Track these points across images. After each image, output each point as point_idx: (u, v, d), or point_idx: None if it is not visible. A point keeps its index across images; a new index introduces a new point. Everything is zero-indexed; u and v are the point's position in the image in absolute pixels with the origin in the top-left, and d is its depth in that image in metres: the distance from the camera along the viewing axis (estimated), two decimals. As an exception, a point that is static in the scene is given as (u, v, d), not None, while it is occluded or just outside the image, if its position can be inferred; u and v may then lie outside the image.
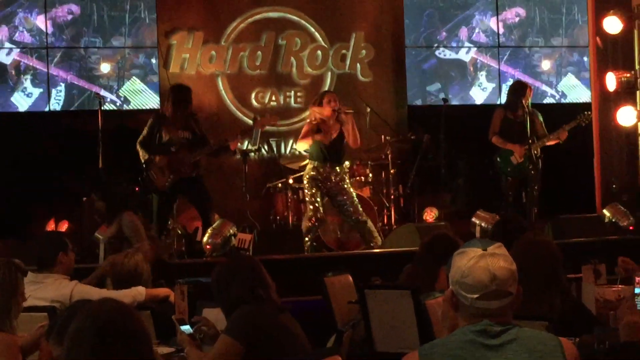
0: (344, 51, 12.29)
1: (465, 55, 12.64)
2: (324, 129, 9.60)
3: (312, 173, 9.59)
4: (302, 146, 9.89)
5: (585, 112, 10.79)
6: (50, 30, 11.38)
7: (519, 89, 10.60)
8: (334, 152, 9.61)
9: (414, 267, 6.21)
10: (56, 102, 11.35)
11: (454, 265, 3.03)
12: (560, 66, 12.90)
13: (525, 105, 10.31)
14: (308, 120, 9.83)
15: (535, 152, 10.37)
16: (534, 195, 10.47)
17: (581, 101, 12.83)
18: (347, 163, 9.89)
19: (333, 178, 9.59)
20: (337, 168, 9.63)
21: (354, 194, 9.72)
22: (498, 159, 10.56)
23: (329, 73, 12.26)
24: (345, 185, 9.66)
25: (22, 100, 11.30)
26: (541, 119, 10.55)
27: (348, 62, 12.29)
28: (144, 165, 9.46)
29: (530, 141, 10.16)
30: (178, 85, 10.08)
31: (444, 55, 12.57)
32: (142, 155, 9.46)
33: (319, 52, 12.20)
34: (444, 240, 6.05)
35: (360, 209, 9.65)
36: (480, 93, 12.64)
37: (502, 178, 10.59)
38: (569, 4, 12.96)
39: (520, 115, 10.37)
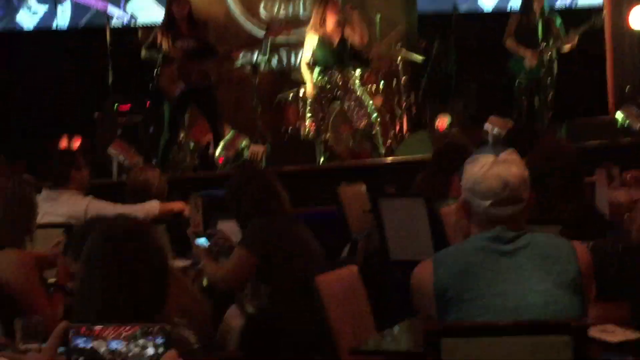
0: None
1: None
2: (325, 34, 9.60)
3: (318, 78, 9.61)
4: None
5: (598, 14, 10.66)
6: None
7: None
8: (338, 55, 9.59)
9: (426, 175, 6.22)
10: (62, 20, 11.22)
11: (466, 173, 3.03)
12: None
13: (539, 8, 10.22)
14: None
15: (549, 56, 10.30)
16: (548, 100, 10.43)
17: (593, 2, 12.64)
18: (357, 70, 9.86)
19: (340, 82, 9.61)
20: (344, 72, 9.63)
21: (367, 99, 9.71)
22: (511, 63, 10.50)
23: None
24: (356, 90, 9.66)
25: (27, 18, 11.18)
26: (558, 23, 10.44)
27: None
28: (153, 74, 9.34)
29: (543, 44, 10.10)
30: None
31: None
32: (150, 62, 9.34)
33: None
34: (456, 148, 6.06)
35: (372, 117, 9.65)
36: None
37: (515, 83, 10.54)
38: None
39: (534, 19, 10.28)
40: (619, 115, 10.35)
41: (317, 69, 9.69)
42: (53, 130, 10.44)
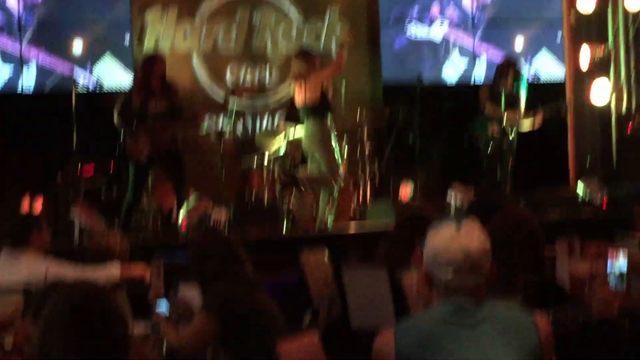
0: (319, 23, 12.23)
1: (438, 31, 12.57)
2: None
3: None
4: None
5: (563, 103, 10.86)
6: (20, 9, 11.16)
7: (498, 69, 10.76)
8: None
9: (389, 244, 6.22)
10: (27, 85, 11.13)
11: (428, 243, 3.04)
12: (534, 43, 12.88)
13: (511, 79, 10.46)
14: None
15: (511, 128, 10.48)
16: (508, 170, 10.54)
17: (555, 77, 12.84)
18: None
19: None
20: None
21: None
22: (475, 126, 10.66)
23: (304, 49, 12.22)
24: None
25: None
26: (523, 97, 10.65)
27: (323, 39, 12.23)
28: (121, 135, 9.30)
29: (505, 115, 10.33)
30: (152, 55, 10.01)
31: (416, 36, 12.47)
32: (118, 122, 9.27)
33: (294, 28, 12.15)
34: (419, 217, 6.07)
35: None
36: (452, 72, 12.61)
37: (478, 148, 10.72)
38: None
39: (503, 89, 10.50)
40: (580, 186, 10.46)
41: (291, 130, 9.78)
42: (15, 190, 10.37)
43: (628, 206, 9.67)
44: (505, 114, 10.45)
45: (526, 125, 10.63)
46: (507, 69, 10.69)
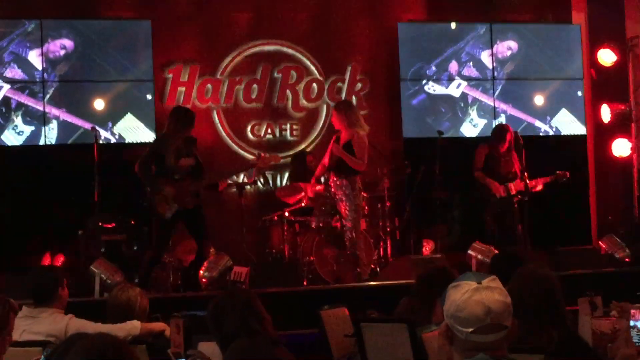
0: (339, 84, 12.34)
1: (456, 90, 12.60)
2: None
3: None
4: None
5: (562, 172, 10.84)
6: (42, 65, 11.24)
7: (497, 133, 10.78)
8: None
9: (410, 300, 6.20)
10: (49, 140, 11.21)
11: (448, 299, 3.03)
12: (553, 101, 12.87)
13: (505, 148, 10.49)
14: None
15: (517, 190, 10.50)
16: (515, 231, 10.50)
17: (577, 132, 12.83)
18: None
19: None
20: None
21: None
22: (480, 192, 10.70)
23: (325, 105, 12.30)
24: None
25: (12, 138, 11.11)
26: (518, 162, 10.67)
27: (344, 94, 12.32)
28: (148, 192, 9.28)
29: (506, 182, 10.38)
30: (181, 108, 9.99)
31: (434, 90, 12.52)
32: (144, 180, 9.26)
33: (315, 84, 12.25)
34: (440, 273, 6.05)
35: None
36: (471, 129, 12.61)
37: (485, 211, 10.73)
38: (562, 36, 12.98)
39: (501, 151, 10.53)
40: (603, 244, 10.41)
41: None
42: (37, 245, 10.42)
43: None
44: (496, 184, 10.50)
45: (533, 187, 10.62)
46: (503, 134, 10.72)
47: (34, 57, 11.24)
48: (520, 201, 10.53)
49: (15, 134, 11.12)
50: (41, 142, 11.15)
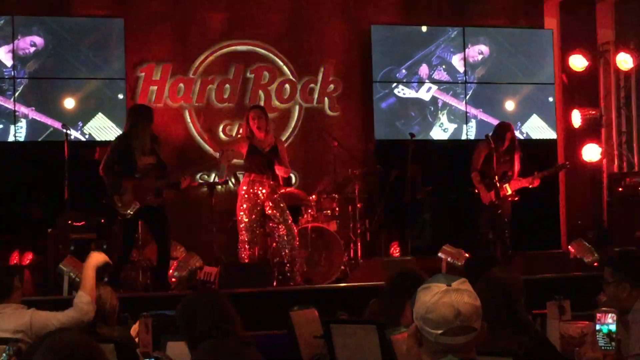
0: (312, 85, 12.35)
1: (426, 93, 12.63)
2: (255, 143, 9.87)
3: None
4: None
5: (563, 163, 10.94)
6: (12, 62, 11.16)
7: (496, 132, 10.80)
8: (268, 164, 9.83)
9: (379, 301, 6.21)
10: (18, 138, 11.14)
11: (418, 301, 3.03)
12: (525, 106, 12.92)
13: (505, 147, 10.52)
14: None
15: (506, 194, 10.52)
16: (503, 235, 10.54)
17: (546, 136, 12.91)
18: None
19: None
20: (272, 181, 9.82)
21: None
22: (471, 194, 10.73)
23: (297, 107, 12.31)
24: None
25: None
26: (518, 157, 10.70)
27: (316, 95, 12.35)
28: (108, 192, 9.24)
29: (497, 185, 10.37)
30: (141, 105, 10.01)
31: (404, 94, 12.55)
32: (107, 180, 9.23)
33: (287, 85, 12.24)
34: (409, 275, 6.07)
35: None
36: (441, 133, 12.65)
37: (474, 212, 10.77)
38: (533, 42, 13.05)
39: (498, 154, 10.55)
40: (571, 249, 10.47)
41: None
42: (5, 243, 10.36)
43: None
44: (485, 191, 10.54)
45: (523, 182, 10.66)
46: (504, 133, 10.74)
47: (3, 54, 11.15)
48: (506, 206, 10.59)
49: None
50: (10, 139, 11.08)
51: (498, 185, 10.42)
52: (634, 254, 5.41)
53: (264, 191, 9.78)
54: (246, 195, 9.77)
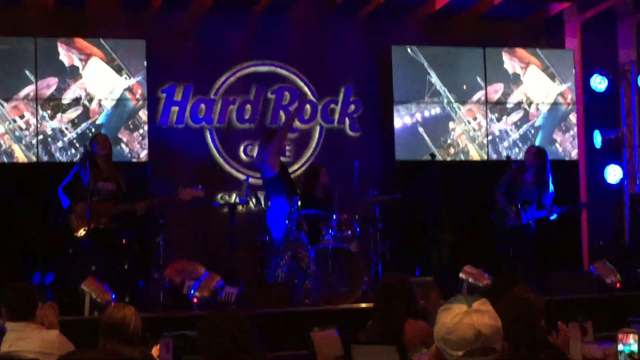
0: (332, 105, 12.37)
1: (447, 113, 12.58)
2: None
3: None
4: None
5: (582, 203, 10.96)
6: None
7: (525, 156, 10.79)
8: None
9: (374, 314, 6.21)
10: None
11: (438, 322, 3.02)
12: (547, 124, 12.91)
13: (528, 171, 10.52)
14: None
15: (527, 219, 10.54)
16: (525, 255, 10.52)
17: (570, 156, 12.87)
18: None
19: None
20: None
21: None
22: (495, 215, 10.71)
23: (318, 127, 12.32)
24: None
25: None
26: (547, 191, 10.64)
27: (337, 116, 12.36)
28: (64, 211, 9.51)
29: (521, 210, 10.39)
30: (96, 135, 10.15)
31: (424, 114, 12.49)
32: (63, 201, 9.52)
33: (308, 106, 12.25)
34: (398, 283, 6.10)
35: None
36: (462, 154, 12.60)
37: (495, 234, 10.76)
38: (558, 61, 13.02)
39: (525, 180, 10.53)
40: (594, 269, 10.42)
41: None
42: (28, 264, 10.38)
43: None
44: (514, 211, 10.52)
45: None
46: (527, 158, 10.76)
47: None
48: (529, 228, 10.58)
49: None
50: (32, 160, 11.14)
51: (521, 209, 10.45)
52: None
53: None
54: None
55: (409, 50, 12.45)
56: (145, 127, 11.49)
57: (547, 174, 10.62)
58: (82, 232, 9.43)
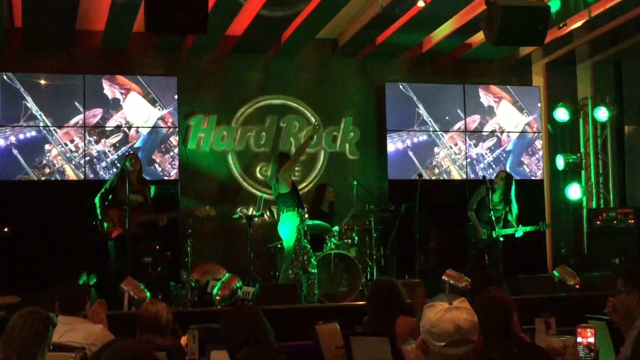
0: (335, 133, 12.38)
1: (432, 140, 12.59)
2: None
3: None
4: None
5: (544, 222, 10.92)
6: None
7: (494, 179, 10.74)
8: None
9: (368, 312, 6.20)
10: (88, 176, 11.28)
11: (424, 317, 3.02)
12: (516, 149, 12.89)
13: (495, 193, 10.47)
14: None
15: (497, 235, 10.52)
16: (496, 261, 10.50)
17: (535, 176, 12.85)
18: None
19: None
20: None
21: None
22: (468, 231, 10.70)
23: (322, 151, 12.33)
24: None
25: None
26: (512, 209, 10.60)
27: (339, 142, 12.38)
28: (99, 216, 9.50)
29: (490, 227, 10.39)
30: (131, 154, 10.14)
31: (413, 140, 12.48)
32: (99, 207, 9.51)
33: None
34: (386, 284, 6.10)
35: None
36: (444, 174, 12.61)
37: (470, 246, 10.72)
38: (526, 96, 13.01)
39: (492, 200, 10.50)
40: (556, 273, 10.40)
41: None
42: (75, 266, 10.38)
43: (597, 289, 9.62)
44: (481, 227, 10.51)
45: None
46: (495, 181, 10.70)
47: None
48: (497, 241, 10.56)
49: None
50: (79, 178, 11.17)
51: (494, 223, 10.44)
52: None
53: None
54: None
55: (400, 86, 12.47)
56: (175, 150, 11.52)
57: (512, 195, 10.60)
58: (114, 234, 9.46)
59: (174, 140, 11.57)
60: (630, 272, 5.05)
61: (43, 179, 11.11)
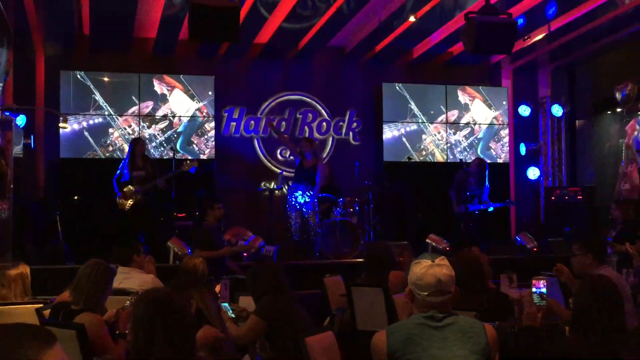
0: (341, 123, 12.35)
1: (421, 129, 12.55)
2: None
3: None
4: None
5: (510, 200, 10.85)
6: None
7: (471, 163, 10.64)
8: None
9: (366, 271, 6.21)
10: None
11: (411, 271, 3.03)
12: (487, 137, 12.83)
13: (474, 175, 10.38)
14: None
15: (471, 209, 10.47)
16: (472, 229, 10.48)
17: (500, 161, 12.80)
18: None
19: None
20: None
21: None
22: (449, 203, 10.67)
23: (331, 138, 12.31)
24: None
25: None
26: (485, 189, 10.52)
27: (344, 130, 12.35)
28: (117, 194, 9.30)
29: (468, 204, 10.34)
30: (135, 139, 9.90)
31: (405, 129, 12.41)
32: (117, 185, 9.31)
33: (324, 123, 12.26)
34: (382, 248, 6.11)
35: None
36: (430, 158, 12.57)
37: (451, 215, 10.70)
38: (495, 95, 12.94)
39: (470, 181, 10.43)
40: (518, 238, 10.38)
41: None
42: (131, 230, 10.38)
43: (551, 251, 9.60)
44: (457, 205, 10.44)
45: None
46: (472, 165, 10.62)
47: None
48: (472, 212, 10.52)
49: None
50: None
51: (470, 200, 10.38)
52: (594, 235, 5.42)
53: None
54: None
55: (395, 86, 12.41)
56: (209, 134, 11.52)
57: (485, 178, 10.54)
58: (127, 206, 9.23)
59: (208, 126, 11.56)
60: (583, 238, 5.09)
61: (107, 155, 11.12)
